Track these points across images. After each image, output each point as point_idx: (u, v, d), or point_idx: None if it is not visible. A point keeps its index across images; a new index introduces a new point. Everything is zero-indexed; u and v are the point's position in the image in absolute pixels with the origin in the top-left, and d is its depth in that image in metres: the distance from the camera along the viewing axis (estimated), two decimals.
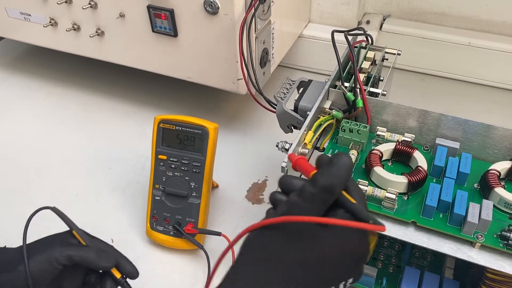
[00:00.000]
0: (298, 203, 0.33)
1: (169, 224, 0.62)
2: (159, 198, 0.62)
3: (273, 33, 0.73)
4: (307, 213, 0.33)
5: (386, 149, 0.50)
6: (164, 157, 0.62)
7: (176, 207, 0.61)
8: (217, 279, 0.34)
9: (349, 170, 0.35)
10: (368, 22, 0.89)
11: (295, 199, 0.34)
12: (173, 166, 0.61)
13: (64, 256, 0.44)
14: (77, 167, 0.76)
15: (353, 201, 0.35)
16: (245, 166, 0.75)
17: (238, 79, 0.69)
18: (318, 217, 0.32)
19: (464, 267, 0.52)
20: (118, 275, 0.48)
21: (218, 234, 0.60)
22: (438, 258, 0.56)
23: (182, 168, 0.61)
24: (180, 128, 0.61)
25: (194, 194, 0.61)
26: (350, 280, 0.35)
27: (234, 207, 0.68)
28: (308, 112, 0.52)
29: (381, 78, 0.61)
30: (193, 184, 0.61)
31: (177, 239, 0.62)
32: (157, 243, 0.63)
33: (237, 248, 0.35)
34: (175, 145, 0.62)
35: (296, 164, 0.40)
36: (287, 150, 0.48)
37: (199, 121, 0.61)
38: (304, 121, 0.50)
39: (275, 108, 0.61)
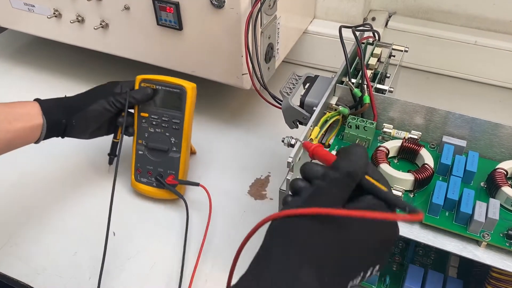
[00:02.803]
0: (323, 186, 0.34)
1: (152, 176, 0.67)
2: (142, 152, 0.67)
3: (278, 28, 0.72)
4: (333, 198, 0.33)
5: (392, 146, 0.50)
6: (146, 115, 0.66)
7: (158, 160, 0.66)
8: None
9: (367, 157, 0.36)
10: (373, 19, 0.88)
11: (319, 183, 0.34)
12: (154, 123, 0.66)
13: (118, 100, 0.63)
14: (79, 160, 0.76)
15: (382, 187, 0.35)
16: (248, 161, 0.75)
17: (242, 74, 0.69)
18: (354, 211, 0.31)
19: (468, 266, 0.52)
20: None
21: (197, 184, 0.65)
22: (442, 257, 0.55)
23: (163, 125, 0.65)
24: (160, 87, 0.65)
25: (174, 149, 0.66)
26: (377, 267, 0.35)
27: (236, 202, 0.68)
28: (314, 108, 0.51)
29: (388, 75, 0.61)
30: (173, 139, 0.65)
31: (159, 189, 0.67)
32: (141, 193, 0.68)
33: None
34: (156, 103, 0.65)
35: (314, 152, 0.40)
36: (293, 145, 0.48)
37: (177, 81, 0.64)
38: (310, 117, 0.50)
39: (280, 103, 0.61)
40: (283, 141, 0.49)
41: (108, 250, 0.62)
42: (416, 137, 0.50)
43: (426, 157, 0.48)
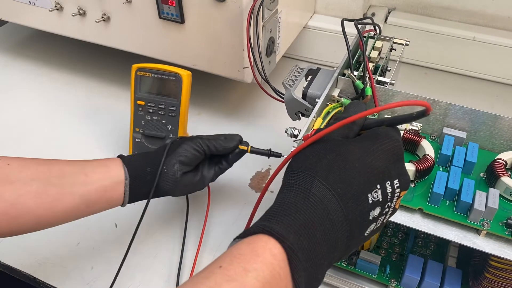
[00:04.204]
0: (323, 128, 0.39)
1: None
2: (139, 140, 0.68)
3: (279, 23, 0.73)
4: (331, 133, 0.37)
5: None
6: (142, 103, 0.67)
7: (155, 147, 0.65)
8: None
9: (364, 107, 0.42)
10: (373, 14, 0.89)
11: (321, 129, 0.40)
12: (151, 110, 0.67)
13: (205, 143, 0.56)
14: (78, 152, 0.76)
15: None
16: (249, 154, 0.75)
17: (244, 67, 0.69)
18: (344, 120, 0.36)
19: (467, 256, 0.53)
20: (244, 148, 0.61)
21: None
22: (441, 248, 0.56)
23: (159, 112, 0.67)
24: (156, 76, 0.66)
25: (171, 135, 0.67)
26: (397, 183, 0.37)
27: (237, 195, 0.69)
28: (316, 100, 0.52)
29: (389, 68, 0.61)
30: (170, 126, 0.67)
31: None
32: None
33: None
34: (152, 91, 0.67)
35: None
36: (296, 136, 0.49)
37: (173, 69, 0.66)
38: (313, 108, 0.50)
39: (281, 97, 0.61)
40: (286, 131, 0.50)
41: (111, 242, 0.63)
42: (417, 128, 0.51)
43: (427, 148, 0.49)
